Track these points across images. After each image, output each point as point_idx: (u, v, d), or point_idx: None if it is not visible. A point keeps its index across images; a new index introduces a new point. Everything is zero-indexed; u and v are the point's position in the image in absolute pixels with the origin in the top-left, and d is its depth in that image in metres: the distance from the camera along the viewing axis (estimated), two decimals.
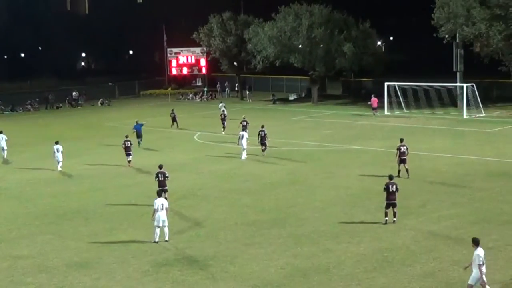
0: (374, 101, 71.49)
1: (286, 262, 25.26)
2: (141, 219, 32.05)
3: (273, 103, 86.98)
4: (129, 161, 46.57)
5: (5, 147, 51.25)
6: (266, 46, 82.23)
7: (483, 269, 20.64)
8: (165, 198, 30.29)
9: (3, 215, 34.32)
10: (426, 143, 51.37)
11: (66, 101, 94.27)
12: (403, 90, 73.22)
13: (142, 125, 55.44)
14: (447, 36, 71.75)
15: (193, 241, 28.46)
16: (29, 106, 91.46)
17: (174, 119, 66.12)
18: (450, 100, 72.27)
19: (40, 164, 48.44)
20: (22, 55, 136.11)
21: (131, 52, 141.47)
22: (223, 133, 59.76)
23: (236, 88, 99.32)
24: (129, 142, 46.90)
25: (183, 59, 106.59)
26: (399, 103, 72.47)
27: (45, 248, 28.30)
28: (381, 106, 71.42)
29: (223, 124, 61.13)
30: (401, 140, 39.90)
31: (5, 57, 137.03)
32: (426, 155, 45.70)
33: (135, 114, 78.60)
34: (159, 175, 34.23)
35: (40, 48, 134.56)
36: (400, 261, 24.90)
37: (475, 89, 67.91)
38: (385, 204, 29.96)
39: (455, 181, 37.95)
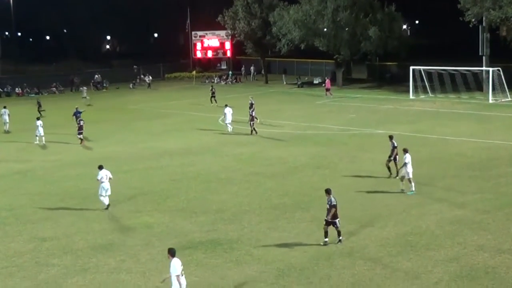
0: (327, 82, 77.27)
1: (310, 246, 25.27)
2: (166, 202, 32.20)
3: (298, 87, 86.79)
4: (81, 139, 49.44)
5: (7, 120, 57.61)
6: (291, 30, 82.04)
7: (182, 280, 19.34)
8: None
9: (28, 196, 34.60)
10: (452, 127, 51.07)
11: (91, 84, 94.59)
12: (429, 74, 73.02)
13: (81, 112, 55.54)
14: (473, 19, 71.10)
15: (217, 224, 28.53)
16: (54, 88, 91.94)
17: None
18: (476, 84, 71.77)
19: (65, 145, 48.78)
20: (47, 38, 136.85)
21: (156, 35, 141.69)
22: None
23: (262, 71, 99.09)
24: (82, 121, 50.76)
25: (208, 42, 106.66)
26: (424, 87, 72.14)
27: (70, 230, 28.49)
28: (334, 88, 78.50)
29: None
30: (390, 138, 36.02)
31: (30, 39, 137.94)
32: (451, 140, 45.42)
33: (159, 97, 78.80)
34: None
35: (65, 31, 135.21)
36: (424, 245, 24.80)
37: (501, 73, 67.41)
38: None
39: (480, 166, 37.72)
